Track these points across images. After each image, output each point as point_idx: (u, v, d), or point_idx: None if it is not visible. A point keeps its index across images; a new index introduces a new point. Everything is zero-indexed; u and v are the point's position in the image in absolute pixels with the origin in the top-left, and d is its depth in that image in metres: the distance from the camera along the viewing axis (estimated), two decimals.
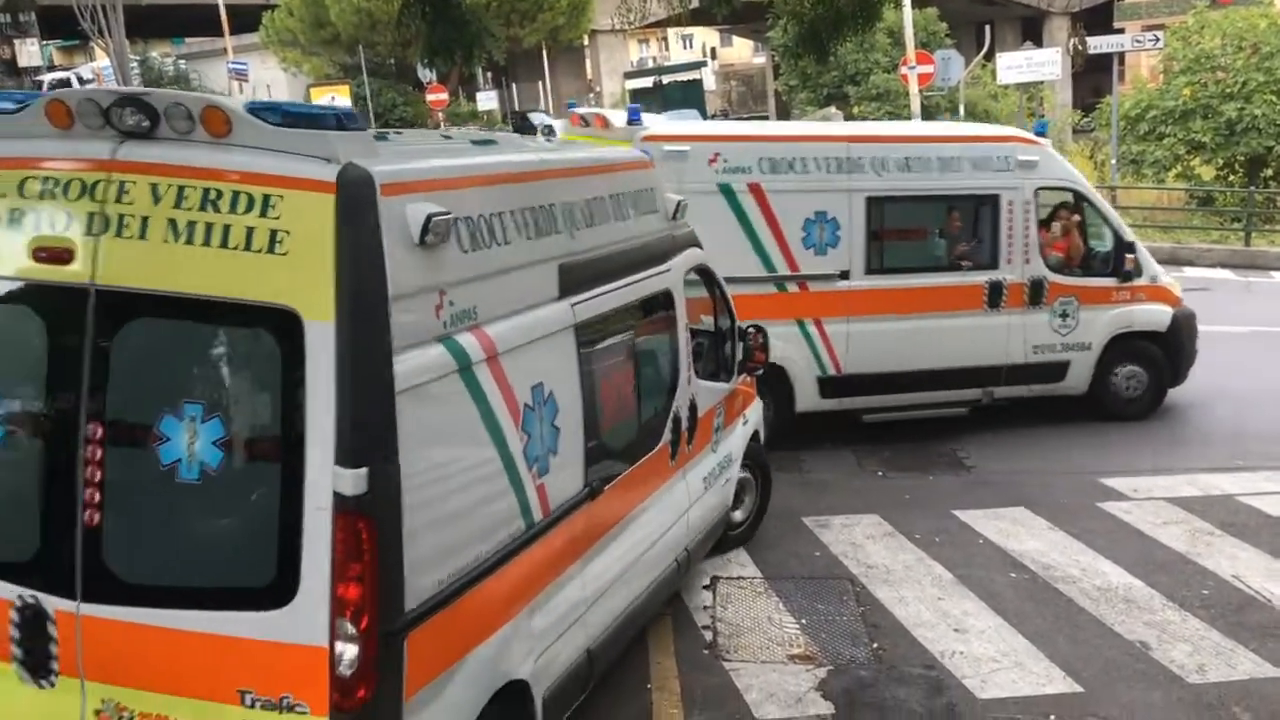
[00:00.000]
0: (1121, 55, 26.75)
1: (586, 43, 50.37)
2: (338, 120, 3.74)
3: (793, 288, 9.38)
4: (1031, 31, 45.60)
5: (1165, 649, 6.19)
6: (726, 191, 9.11)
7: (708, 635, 6.38)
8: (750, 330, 7.21)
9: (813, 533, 7.87)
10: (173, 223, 3.66)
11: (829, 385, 9.60)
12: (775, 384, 9.08)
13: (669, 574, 6.16)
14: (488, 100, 38.30)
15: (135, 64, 37.36)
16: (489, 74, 43.19)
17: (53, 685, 3.83)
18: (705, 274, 6.83)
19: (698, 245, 6.65)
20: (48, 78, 38.64)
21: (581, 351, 4.97)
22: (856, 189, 9.42)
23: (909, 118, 25.40)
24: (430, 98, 33.47)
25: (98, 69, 37.93)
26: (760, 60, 58.34)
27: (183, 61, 42.93)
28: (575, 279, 4.97)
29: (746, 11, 16.89)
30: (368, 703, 3.62)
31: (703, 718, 5.57)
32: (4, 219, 3.87)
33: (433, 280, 3.95)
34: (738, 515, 7.52)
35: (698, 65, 56.08)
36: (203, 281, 3.65)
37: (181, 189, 3.67)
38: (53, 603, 3.79)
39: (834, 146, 9.50)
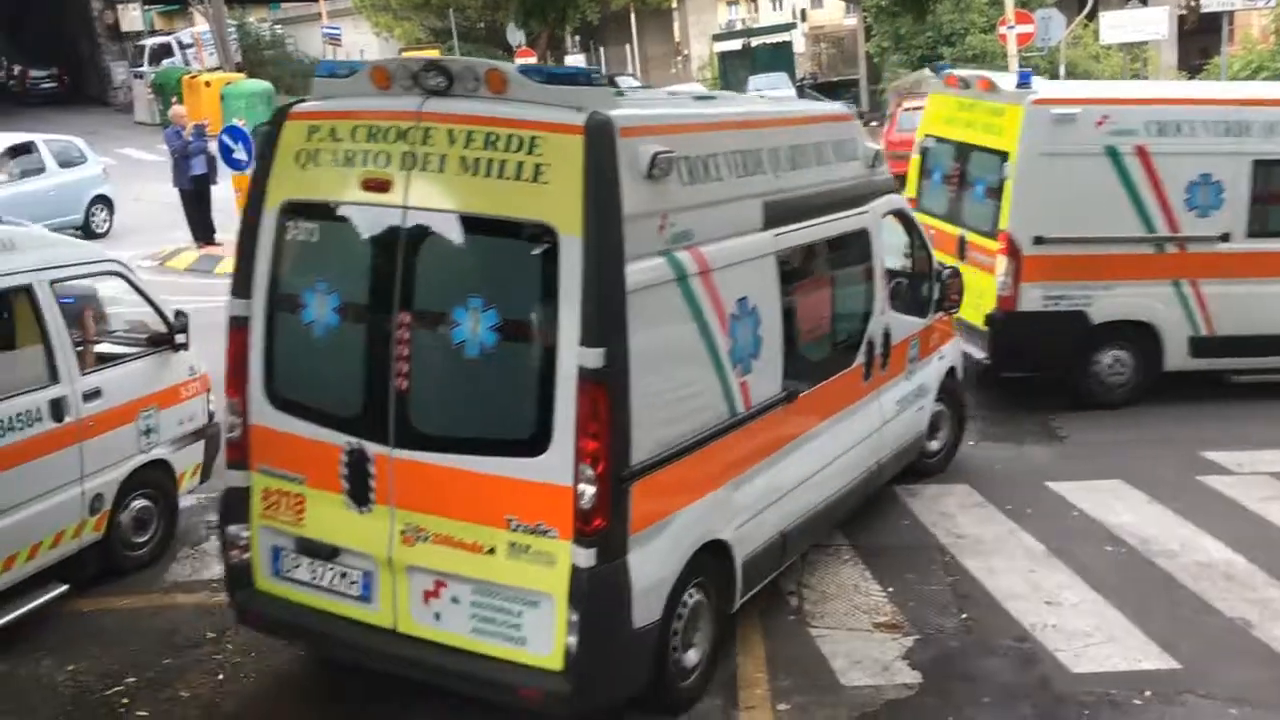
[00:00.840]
0: (1232, 14, 25.69)
1: (675, 5, 49.98)
2: (587, 78, 4.84)
3: (1171, 248, 9.46)
4: None
5: (1267, 626, 6.01)
6: (1112, 153, 9.19)
7: (793, 601, 6.36)
8: (947, 271, 7.85)
9: (901, 501, 7.78)
10: (463, 159, 4.72)
11: (1200, 345, 9.65)
12: (1142, 342, 9.53)
13: (860, 481, 6.88)
14: (575, 64, 38.29)
15: (233, 28, 38.08)
16: (576, 37, 43.11)
17: (370, 510, 4.93)
18: (903, 217, 7.50)
19: (895, 191, 7.36)
20: (149, 42, 39.60)
21: (782, 275, 5.77)
22: (1244, 152, 9.43)
23: None
24: (518, 62, 33.55)
25: (196, 34, 38.69)
26: (851, 22, 57.25)
27: (279, 26, 43.63)
28: (778, 213, 5.77)
29: None
30: (602, 531, 4.59)
31: (788, 683, 5.56)
32: (342, 157, 4.97)
33: (658, 205, 4.85)
34: (933, 445, 8.16)
35: (787, 27, 55.27)
36: (485, 204, 4.71)
37: (470, 133, 4.71)
38: (372, 448, 4.89)
39: (1223, 110, 9.56)
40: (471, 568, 4.76)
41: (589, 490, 4.55)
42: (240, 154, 15.96)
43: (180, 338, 6.94)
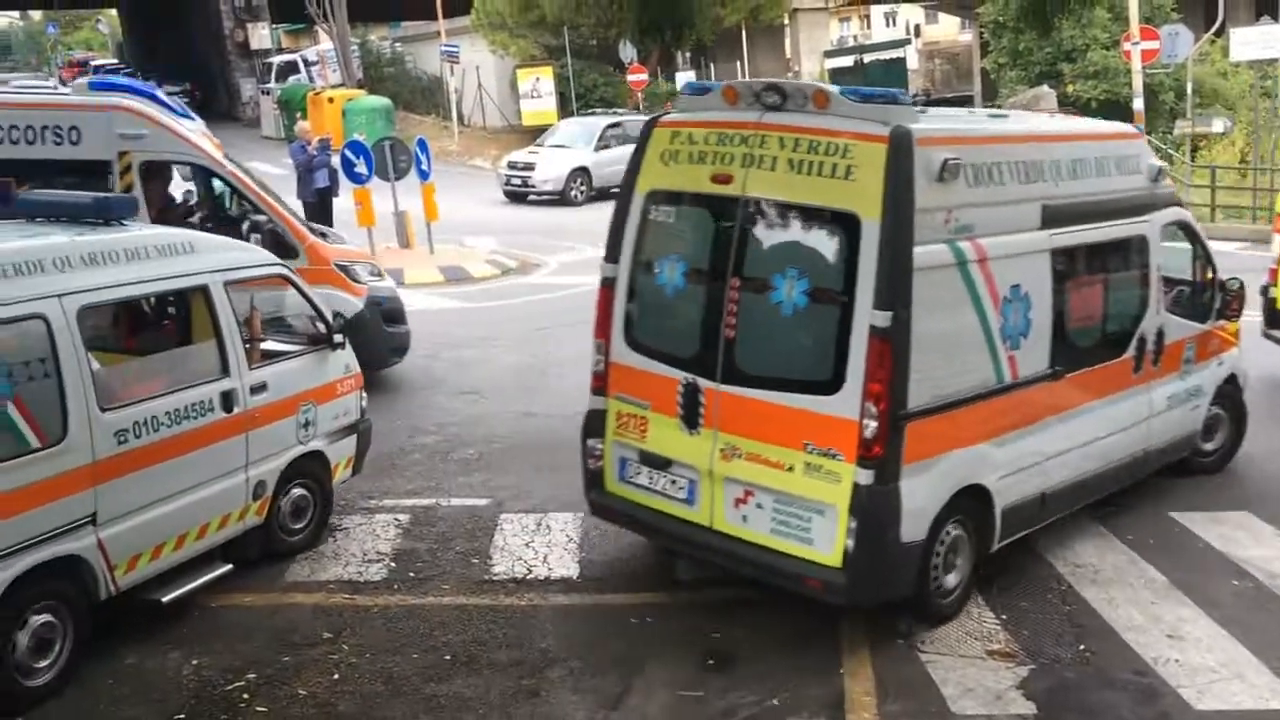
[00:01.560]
0: None
1: (786, 21, 49.78)
2: (894, 99, 5.99)
3: None
4: (1268, 4, 42.43)
5: None
6: None
7: (903, 625, 6.25)
8: (1232, 282, 8.30)
9: None
10: (790, 160, 5.92)
11: None
12: None
13: (1124, 464, 7.48)
14: (686, 80, 38.41)
15: (355, 46, 39.18)
16: (687, 55, 43.23)
17: (698, 432, 6.24)
18: (1187, 229, 8.06)
19: (1178, 204, 7.97)
20: (276, 60, 40.97)
21: (1055, 270, 6.62)
22: None
23: (1129, 97, 24.09)
24: (630, 78, 33.70)
25: (321, 52, 39.94)
26: (966, 38, 56.40)
27: (399, 44, 44.72)
28: (1055, 216, 6.62)
29: None
30: (880, 458, 5.69)
31: (896, 707, 5.49)
32: (696, 156, 6.27)
33: (944, 202, 5.89)
34: (1208, 446, 8.48)
35: (901, 43, 54.65)
36: (804, 195, 5.91)
37: (797, 140, 5.91)
38: (703, 383, 6.19)
39: None
40: (774, 481, 5.96)
41: (871, 424, 5.65)
42: (361, 168, 16.41)
43: (337, 337, 7.34)
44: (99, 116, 9.62)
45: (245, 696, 5.58)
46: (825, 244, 5.91)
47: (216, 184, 10.82)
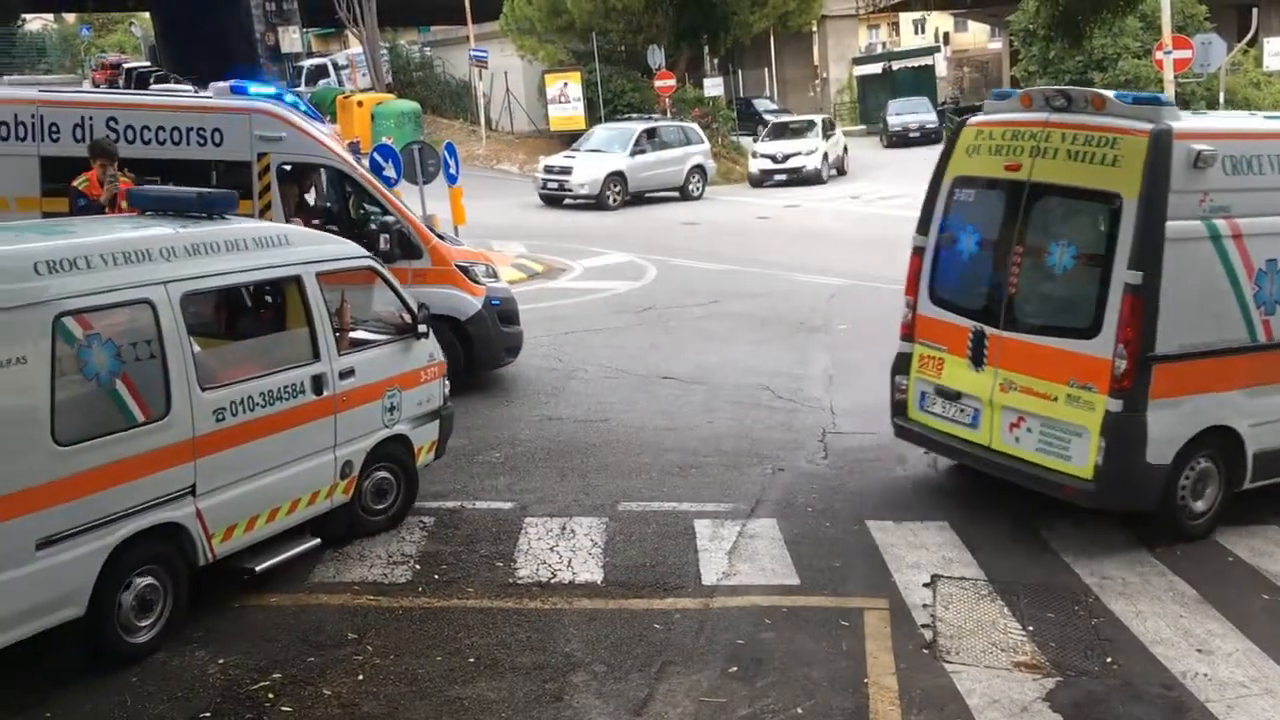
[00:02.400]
0: None
1: (815, 28, 49.69)
2: (1158, 101, 7.51)
3: None
4: None
5: None
6: None
7: (927, 634, 6.23)
8: None
9: (1041, 537, 7.56)
10: (1069, 151, 7.34)
11: None
12: None
13: None
14: (714, 87, 38.28)
15: (385, 51, 39.40)
16: (715, 61, 43.26)
17: (982, 370, 7.75)
18: None
19: None
20: (307, 63, 41.27)
21: None
22: None
23: None
24: (658, 84, 33.78)
25: (351, 55, 40.23)
26: (996, 45, 56.16)
27: (428, 48, 44.92)
28: None
29: None
30: (1128, 390, 6.99)
31: (921, 717, 5.45)
32: (994, 149, 7.78)
33: (1199, 186, 7.08)
34: None
35: (930, 51, 54.49)
36: (1079, 179, 7.31)
37: (1075, 135, 7.32)
38: (988, 330, 7.71)
39: None
40: (1041, 409, 7.40)
41: (1121, 363, 6.96)
42: (390, 171, 16.47)
43: (421, 327, 7.70)
44: (241, 118, 9.94)
45: (270, 696, 5.61)
46: (1093, 217, 7.38)
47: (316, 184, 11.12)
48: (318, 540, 6.99)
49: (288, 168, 10.25)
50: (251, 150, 9.93)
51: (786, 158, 30.58)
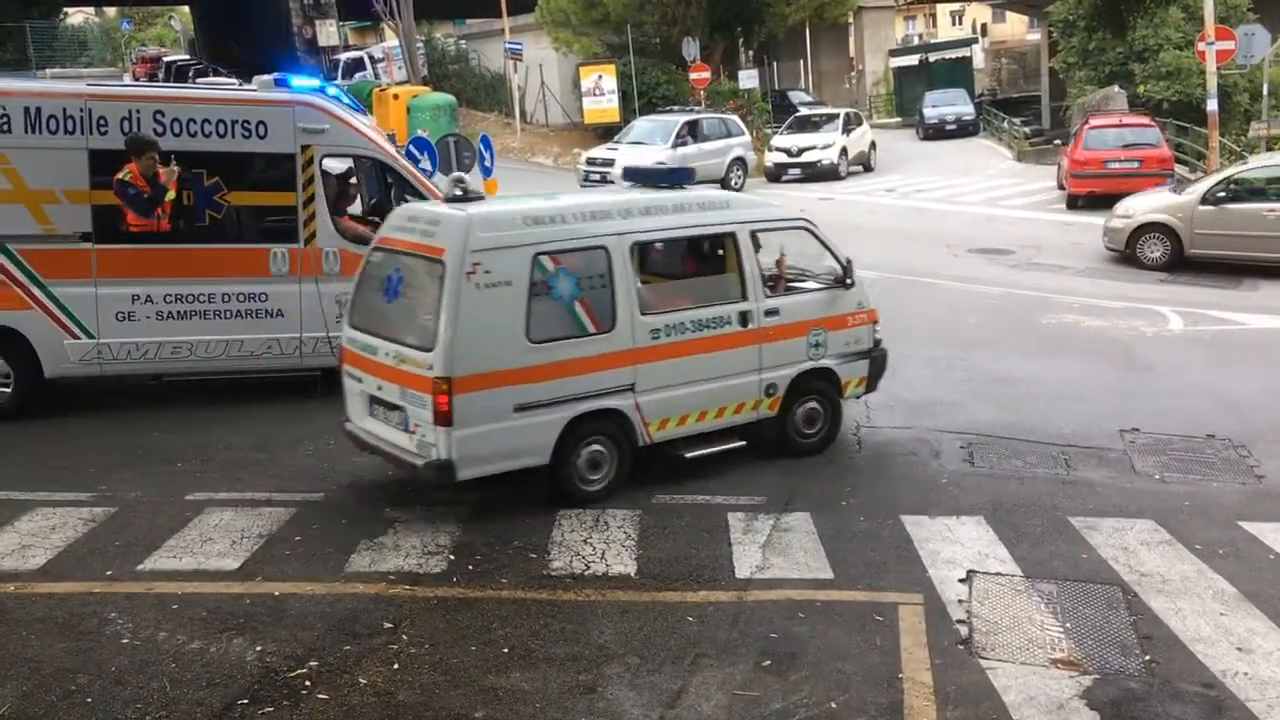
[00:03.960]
0: None
1: (851, 20, 49.35)
2: None
3: None
4: None
5: None
6: None
7: (963, 630, 6.19)
8: None
9: (1079, 534, 7.49)
10: None
11: None
12: None
13: None
14: (748, 79, 38.12)
15: (421, 43, 39.54)
16: (750, 53, 43.05)
17: None
18: None
19: None
20: (343, 56, 41.49)
21: None
22: None
23: (1202, 98, 23.58)
24: (693, 76, 33.66)
25: (387, 48, 40.39)
26: (1035, 36, 55.50)
27: (463, 41, 45.05)
28: None
29: None
30: None
31: (956, 713, 5.42)
32: None
33: None
34: None
35: (968, 42, 53.98)
36: None
37: None
38: None
39: None
40: None
41: None
42: (425, 163, 16.54)
43: (850, 280, 9.00)
44: (285, 111, 10.10)
45: (307, 684, 5.65)
46: None
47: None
48: (743, 443, 8.53)
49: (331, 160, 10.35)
50: (295, 142, 10.04)
51: (801, 151, 29.90)
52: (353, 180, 11.28)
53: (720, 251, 8.74)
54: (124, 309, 9.79)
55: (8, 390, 9.81)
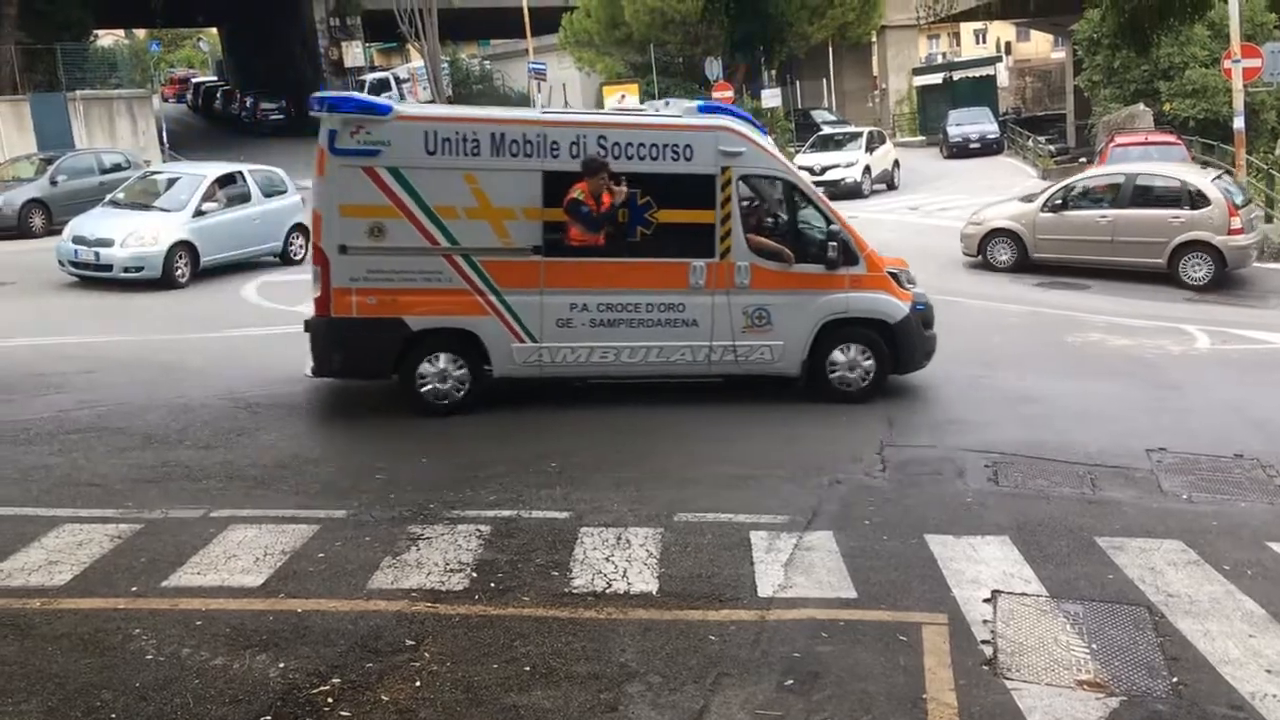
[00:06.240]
0: None
1: (874, 39, 49.45)
2: None
3: None
4: None
5: None
6: None
7: (987, 650, 6.14)
8: None
9: (1105, 554, 7.42)
10: None
11: None
12: None
13: None
14: (771, 98, 38.27)
15: (446, 64, 39.86)
16: (772, 72, 43.15)
17: None
18: None
19: None
20: (369, 77, 41.87)
21: None
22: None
23: (1229, 116, 23.44)
24: (716, 95, 33.87)
25: (413, 69, 40.76)
26: (1059, 55, 55.42)
27: (488, 62, 45.42)
28: None
29: (1059, 0, 16.22)
30: None
31: None
32: None
33: None
34: None
35: (991, 61, 53.91)
36: None
37: None
38: None
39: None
40: None
41: None
42: None
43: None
44: (708, 136, 10.81)
45: (329, 701, 5.65)
46: None
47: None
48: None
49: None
50: (716, 164, 10.74)
51: (824, 170, 29.89)
52: (762, 199, 11.84)
53: None
54: (564, 316, 10.69)
55: (465, 389, 10.76)
